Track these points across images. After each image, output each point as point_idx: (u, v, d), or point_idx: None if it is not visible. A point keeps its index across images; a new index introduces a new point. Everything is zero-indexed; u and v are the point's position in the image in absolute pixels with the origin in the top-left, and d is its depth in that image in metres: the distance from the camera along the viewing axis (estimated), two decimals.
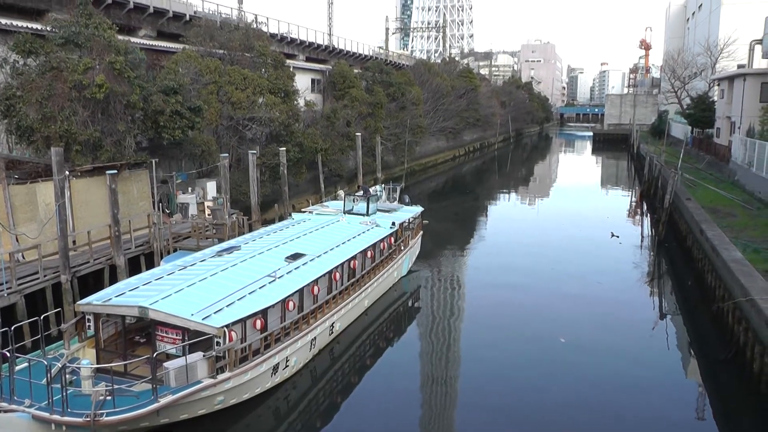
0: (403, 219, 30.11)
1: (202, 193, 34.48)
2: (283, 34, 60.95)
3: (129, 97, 27.63)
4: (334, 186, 45.90)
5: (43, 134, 25.83)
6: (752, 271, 20.96)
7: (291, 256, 21.55)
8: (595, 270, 32.08)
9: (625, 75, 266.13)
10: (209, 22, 44.26)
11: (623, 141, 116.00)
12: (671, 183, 37.61)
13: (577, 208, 52.75)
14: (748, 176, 39.99)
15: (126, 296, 17.02)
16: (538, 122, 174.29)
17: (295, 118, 41.94)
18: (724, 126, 56.84)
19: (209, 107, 34.48)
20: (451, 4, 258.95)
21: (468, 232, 43.72)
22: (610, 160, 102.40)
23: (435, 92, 77.47)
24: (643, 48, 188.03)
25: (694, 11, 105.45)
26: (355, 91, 54.45)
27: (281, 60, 44.25)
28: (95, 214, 26.50)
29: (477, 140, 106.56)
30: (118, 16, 40.37)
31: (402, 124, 60.21)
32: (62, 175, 22.22)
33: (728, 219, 30.94)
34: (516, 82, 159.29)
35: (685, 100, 75.55)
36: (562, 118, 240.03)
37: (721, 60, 70.42)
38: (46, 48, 27.23)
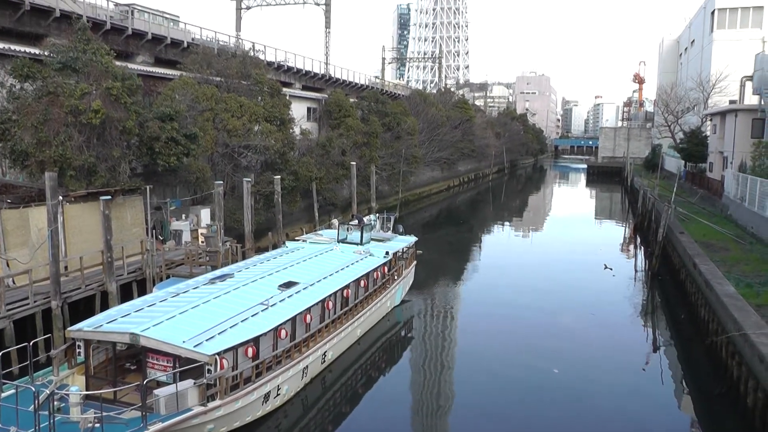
0: (397, 248, 30.07)
1: (196, 220, 34.41)
2: (279, 62, 61.42)
3: (125, 123, 27.68)
4: (328, 215, 45.90)
5: (37, 159, 25.79)
6: (745, 305, 20.95)
7: (284, 285, 21.46)
8: (588, 302, 32.02)
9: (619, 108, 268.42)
10: (207, 49, 44.58)
11: (617, 174, 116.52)
12: (665, 216, 37.70)
13: (571, 240, 52.79)
14: (740, 211, 40.15)
15: (117, 323, 16.89)
16: (533, 154, 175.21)
17: (290, 147, 42.05)
18: (717, 161, 57.20)
19: (205, 134, 34.55)
20: (447, 35, 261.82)
21: (462, 262, 43.65)
22: (604, 193, 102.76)
23: (430, 122, 77.95)
24: (636, 82, 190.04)
25: (687, 47, 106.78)
26: (351, 120, 54.70)
27: (277, 88, 44.52)
28: (88, 240, 26.37)
29: (472, 171, 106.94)
30: (116, 42, 40.67)
31: (397, 154, 60.44)
32: (56, 200, 22.14)
33: (721, 253, 31.00)
34: (511, 114, 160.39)
35: (678, 135, 76.19)
36: (556, 150, 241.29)
37: (713, 95, 71.19)
38: (43, 73, 27.32)
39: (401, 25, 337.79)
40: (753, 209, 36.79)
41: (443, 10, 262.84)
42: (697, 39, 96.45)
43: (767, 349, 16.73)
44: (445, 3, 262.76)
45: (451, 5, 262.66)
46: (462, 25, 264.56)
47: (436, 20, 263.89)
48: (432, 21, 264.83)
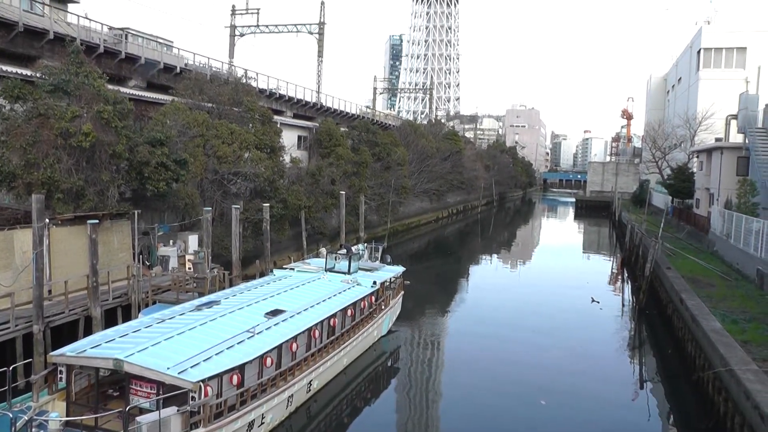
0: (385, 278, 30.03)
1: (184, 246, 34.24)
2: (271, 90, 61.74)
3: (115, 147, 27.59)
4: (316, 243, 45.78)
5: (25, 180, 25.59)
6: (731, 341, 21.02)
7: (271, 312, 21.34)
8: (575, 335, 31.97)
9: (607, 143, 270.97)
10: (199, 75, 44.77)
11: (605, 208, 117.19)
12: (652, 252, 37.90)
13: (559, 273, 52.91)
14: (726, 247, 40.44)
15: (101, 348, 16.68)
16: (522, 187, 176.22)
17: (280, 175, 42.08)
18: (703, 197, 57.67)
19: (195, 160, 34.52)
20: (438, 66, 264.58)
21: (449, 293, 43.56)
22: (592, 227, 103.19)
23: (420, 153, 78.34)
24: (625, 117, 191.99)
25: (674, 84, 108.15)
26: (341, 150, 54.88)
27: (269, 116, 44.68)
28: (74, 264, 26.14)
29: (460, 203, 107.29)
30: (109, 65, 40.80)
31: (386, 184, 60.59)
32: (42, 222, 21.99)
33: (707, 289, 31.17)
34: (500, 146, 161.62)
35: (665, 171, 76.79)
36: (545, 184, 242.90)
37: (700, 132, 71.95)
38: (34, 94, 27.26)
39: (393, 56, 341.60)
40: (738, 246, 37.09)
41: (435, 42, 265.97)
42: (683, 77, 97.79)
43: (753, 386, 16.74)
44: (437, 35, 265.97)
45: (443, 37, 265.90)
46: (453, 57, 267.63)
47: (427, 52, 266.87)
48: (423, 52, 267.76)
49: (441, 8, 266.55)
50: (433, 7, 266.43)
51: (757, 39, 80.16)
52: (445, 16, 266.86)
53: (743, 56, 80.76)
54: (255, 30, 77.13)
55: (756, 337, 22.28)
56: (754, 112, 49.60)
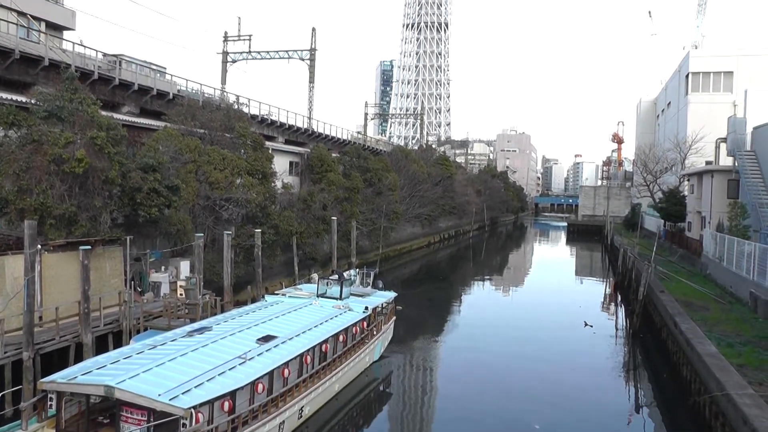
0: (377, 304, 29.97)
1: (176, 272, 34.14)
2: (263, 116, 62.01)
3: (108, 173, 27.62)
4: (308, 269, 45.70)
5: (17, 206, 25.56)
6: (727, 365, 21.01)
7: (262, 338, 21.26)
8: (569, 360, 31.89)
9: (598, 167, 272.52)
10: (192, 101, 44.93)
11: (597, 232, 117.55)
12: (645, 275, 37.99)
13: (551, 297, 52.86)
14: (719, 270, 40.60)
15: (92, 374, 16.57)
16: (513, 211, 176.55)
17: (271, 200, 42.10)
18: (695, 220, 58.01)
19: (187, 186, 34.55)
20: (429, 92, 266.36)
21: (441, 319, 43.46)
22: (584, 251, 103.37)
23: (411, 179, 78.54)
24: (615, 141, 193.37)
25: (664, 108, 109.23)
26: (333, 175, 55.00)
27: (260, 141, 44.82)
28: (65, 290, 26.01)
29: (452, 227, 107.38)
30: (103, 92, 40.92)
31: (378, 210, 60.65)
32: (34, 248, 21.92)
33: (702, 312, 31.20)
34: (491, 171, 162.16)
35: (657, 194, 77.27)
36: (536, 208, 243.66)
37: (690, 156, 72.60)
38: (28, 121, 27.33)
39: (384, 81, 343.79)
40: (731, 269, 37.24)
41: (425, 68, 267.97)
42: (673, 101, 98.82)
43: (751, 411, 16.71)
44: (428, 61, 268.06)
45: (433, 63, 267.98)
46: (444, 82, 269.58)
47: (418, 77, 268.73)
48: (414, 78, 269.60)
49: (431, 34, 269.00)
50: (423, 33, 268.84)
51: (743, 63, 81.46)
52: (435, 41, 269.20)
53: (730, 80, 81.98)
54: (247, 56, 77.67)
55: (752, 360, 22.27)
56: (743, 135, 50.12)
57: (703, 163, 65.82)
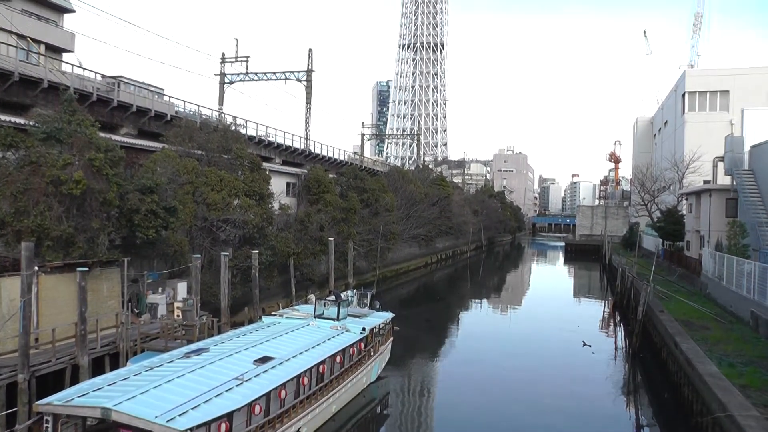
0: (374, 324, 29.90)
1: (173, 293, 34.07)
2: (260, 137, 62.17)
3: (106, 195, 27.63)
4: (305, 290, 45.63)
5: (14, 228, 25.51)
6: (729, 385, 20.85)
7: (259, 359, 21.19)
8: (569, 380, 31.73)
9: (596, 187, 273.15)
10: (189, 123, 45.01)
11: (595, 252, 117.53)
12: (644, 295, 37.93)
13: (550, 317, 52.72)
14: (719, 290, 40.54)
15: (89, 396, 16.48)
16: (511, 231, 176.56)
17: (269, 221, 42.11)
18: (694, 239, 58.04)
19: (184, 207, 34.56)
20: (425, 112, 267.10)
21: (439, 339, 43.33)
22: (582, 271, 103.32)
23: (408, 199, 78.59)
24: (612, 161, 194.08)
25: (661, 128, 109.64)
26: (330, 196, 55.04)
27: (258, 163, 44.89)
28: (62, 312, 25.88)
29: (449, 248, 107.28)
30: (101, 113, 41.05)
31: (375, 230, 60.63)
32: (31, 270, 21.88)
33: (702, 332, 31.06)
34: (488, 191, 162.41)
35: (655, 213, 77.31)
36: (534, 228, 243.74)
37: (688, 175, 72.75)
38: (27, 142, 27.37)
39: (380, 102, 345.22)
40: (731, 288, 37.17)
41: (422, 88, 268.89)
42: (669, 120, 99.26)
43: None
44: (424, 81, 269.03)
45: (429, 83, 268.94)
46: (440, 102, 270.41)
47: (414, 97, 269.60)
48: (410, 98, 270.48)
49: (427, 54, 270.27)
50: (419, 53, 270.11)
51: (738, 82, 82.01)
52: (432, 62, 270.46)
53: (726, 99, 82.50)
54: (244, 78, 77.86)
55: (754, 381, 22.09)
56: (740, 154, 50.29)
57: (700, 182, 66.01)
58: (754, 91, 78.19)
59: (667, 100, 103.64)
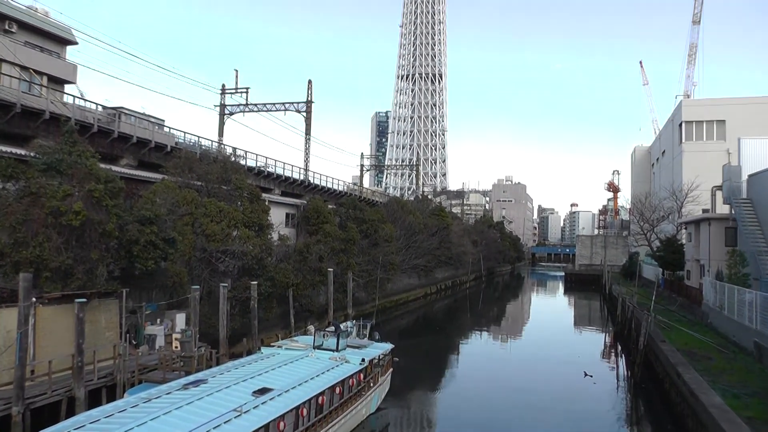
0: (373, 355, 29.69)
1: (171, 324, 33.89)
2: (260, 168, 62.38)
3: (105, 226, 27.64)
4: (304, 321, 45.38)
5: (13, 259, 25.47)
6: (735, 418, 20.60)
7: (258, 391, 20.98)
8: (570, 411, 31.39)
9: (595, 216, 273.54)
10: (189, 154, 45.17)
11: (595, 281, 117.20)
12: (645, 325, 37.74)
13: (550, 347, 52.40)
14: (720, 319, 40.36)
15: (85, 429, 16.27)
16: (510, 261, 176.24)
17: (268, 252, 42.05)
18: (694, 268, 57.92)
19: (184, 238, 34.53)
20: (424, 142, 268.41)
21: (439, 370, 43.01)
22: (583, 301, 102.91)
23: (408, 229, 78.52)
24: (611, 191, 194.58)
25: (658, 157, 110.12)
26: (329, 227, 55.01)
27: (257, 194, 44.96)
28: (59, 343, 25.69)
29: (449, 278, 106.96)
30: (102, 144, 41.26)
31: (374, 261, 60.50)
32: (29, 301, 21.78)
33: (704, 362, 30.81)
34: (488, 221, 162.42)
35: (654, 243, 77.25)
36: (533, 258, 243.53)
37: (687, 204, 72.86)
38: (27, 174, 27.43)
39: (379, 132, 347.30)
40: (733, 317, 37.01)
41: (420, 118, 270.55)
42: (667, 149, 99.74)
43: None
44: (422, 111, 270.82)
45: (428, 113, 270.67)
46: (439, 133, 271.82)
47: (413, 128, 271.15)
48: (409, 128, 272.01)
49: (426, 85, 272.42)
50: (417, 84, 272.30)
51: (734, 112, 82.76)
52: (430, 92, 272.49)
53: (723, 128, 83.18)
54: (244, 109, 78.41)
55: (760, 413, 21.85)
56: (738, 183, 50.45)
57: (699, 211, 66.12)
58: (750, 120, 78.83)
59: (665, 130, 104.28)
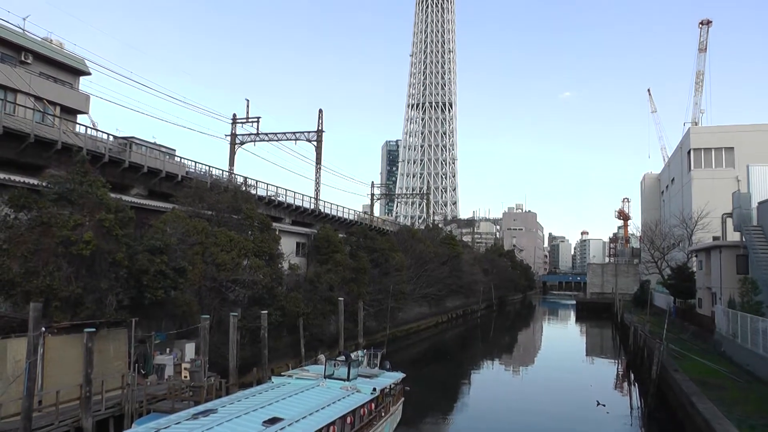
0: (384, 385, 29.44)
1: (180, 354, 33.78)
2: (270, 197, 62.51)
3: (115, 255, 27.72)
4: (314, 350, 45.14)
5: (23, 288, 25.52)
6: None
7: (268, 421, 20.77)
8: None
9: (605, 244, 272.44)
10: (200, 183, 45.35)
11: (606, 310, 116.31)
12: (657, 354, 37.34)
13: (562, 376, 51.91)
14: (734, 348, 39.86)
15: None
16: (521, 290, 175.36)
17: (278, 282, 42.00)
18: (706, 296, 57.42)
19: (194, 268, 34.53)
20: (435, 171, 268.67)
21: (450, 399, 42.60)
22: (594, 329, 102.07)
23: (418, 258, 78.33)
24: (621, 218, 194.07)
25: (668, 184, 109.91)
26: (339, 256, 54.94)
27: (267, 223, 45.02)
28: (67, 373, 25.62)
29: (460, 307, 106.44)
30: (113, 174, 41.53)
31: (385, 290, 60.29)
32: (38, 331, 21.75)
33: (718, 391, 30.34)
34: (498, 250, 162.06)
35: (665, 271, 76.78)
36: (544, 286, 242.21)
37: (697, 231, 72.48)
38: (39, 203, 27.60)
39: (390, 161, 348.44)
40: (747, 346, 36.52)
41: (431, 147, 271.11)
42: (676, 177, 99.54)
43: None
44: (433, 140, 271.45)
45: (438, 142, 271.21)
46: (449, 161, 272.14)
47: (423, 157, 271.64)
48: (420, 157, 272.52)
49: (436, 113, 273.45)
50: (428, 113, 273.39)
51: (742, 139, 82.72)
52: (440, 121, 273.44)
53: (732, 155, 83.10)
54: (255, 138, 78.76)
55: None
56: (748, 210, 50.22)
57: (710, 238, 65.72)
58: (759, 147, 78.73)
59: (673, 157, 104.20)
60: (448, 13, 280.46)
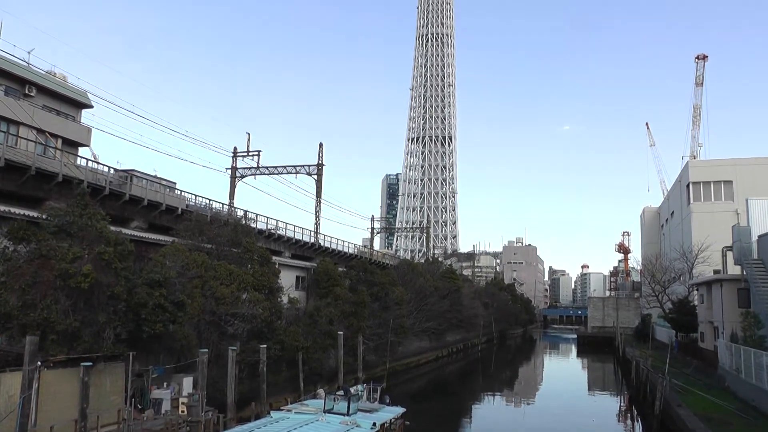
0: (385, 419, 29.09)
1: (178, 388, 33.40)
2: (270, 231, 62.47)
3: (114, 288, 27.57)
4: (313, 384, 44.69)
5: (20, 322, 25.29)
6: None
7: None
8: None
9: (606, 278, 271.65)
10: (200, 217, 45.34)
11: (608, 344, 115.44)
12: (660, 389, 36.97)
13: (564, 411, 51.34)
14: (738, 383, 39.46)
15: None
16: (522, 324, 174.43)
17: (277, 315, 41.76)
18: (708, 330, 57.06)
19: (193, 301, 34.30)
20: (434, 204, 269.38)
21: None
22: (596, 363, 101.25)
23: (418, 292, 77.95)
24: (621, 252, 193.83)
25: (668, 218, 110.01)
26: (339, 290, 54.70)
27: (267, 257, 44.90)
28: (62, 408, 25.22)
29: (460, 341, 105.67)
30: (113, 206, 41.51)
31: (385, 324, 59.91)
32: (34, 365, 21.52)
33: (724, 427, 29.94)
34: (499, 284, 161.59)
35: (666, 304, 76.42)
36: (545, 320, 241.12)
37: (697, 265, 72.31)
38: (38, 236, 27.52)
39: (390, 195, 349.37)
40: (751, 381, 36.15)
41: (431, 181, 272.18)
42: (676, 211, 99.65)
43: None
44: (432, 174, 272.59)
45: (438, 176, 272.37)
46: (449, 195, 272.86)
47: (423, 190, 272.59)
48: (420, 191, 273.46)
49: (436, 147, 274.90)
50: (428, 146, 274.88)
51: (741, 172, 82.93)
52: (440, 154, 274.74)
53: (731, 189, 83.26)
54: (255, 172, 78.88)
55: None
56: (748, 243, 50.16)
57: (710, 271, 65.57)
58: (758, 180, 78.99)
59: (673, 191, 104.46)
60: (448, 47, 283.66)
